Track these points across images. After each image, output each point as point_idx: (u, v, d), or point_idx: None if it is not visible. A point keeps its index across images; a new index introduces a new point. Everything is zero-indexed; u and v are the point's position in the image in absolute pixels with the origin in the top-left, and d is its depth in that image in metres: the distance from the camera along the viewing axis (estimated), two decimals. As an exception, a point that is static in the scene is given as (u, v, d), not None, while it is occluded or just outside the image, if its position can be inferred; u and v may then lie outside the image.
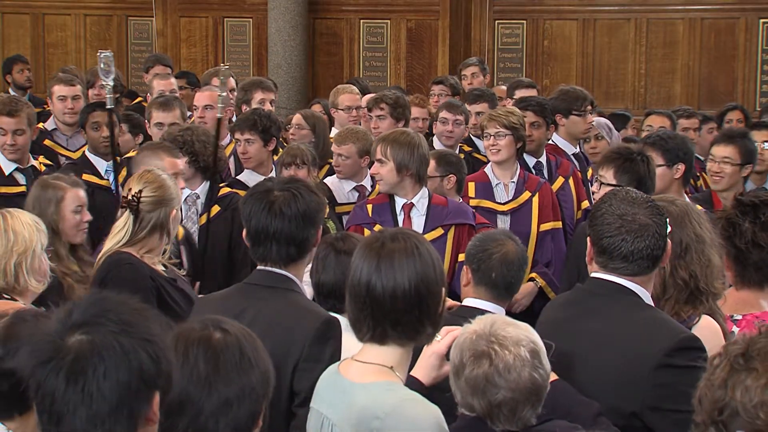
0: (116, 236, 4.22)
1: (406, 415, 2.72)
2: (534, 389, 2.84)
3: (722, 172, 5.77)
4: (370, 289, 2.82)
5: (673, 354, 3.05)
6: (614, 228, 3.18)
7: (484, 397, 2.82)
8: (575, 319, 3.31)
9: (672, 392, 3.03)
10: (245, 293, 3.49)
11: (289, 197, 3.43)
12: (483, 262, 3.90)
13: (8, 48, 13.36)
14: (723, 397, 2.00)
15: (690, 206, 3.63)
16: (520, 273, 3.98)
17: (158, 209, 4.18)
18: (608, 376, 3.13)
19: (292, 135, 6.96)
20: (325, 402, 2.90)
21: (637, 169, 4.83)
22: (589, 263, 3.32)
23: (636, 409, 3.07)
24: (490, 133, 5.92)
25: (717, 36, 11.76)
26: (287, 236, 3.42)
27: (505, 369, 2.81)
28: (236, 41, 13.11)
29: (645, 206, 3.20)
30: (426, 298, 2.83)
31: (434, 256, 2.90)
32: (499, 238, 4.02)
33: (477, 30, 12.53)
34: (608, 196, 3.33)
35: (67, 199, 4.62)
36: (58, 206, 4.57)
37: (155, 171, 4.40)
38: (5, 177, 6.06)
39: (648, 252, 3.17)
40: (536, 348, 2.87)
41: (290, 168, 5.98)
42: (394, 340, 2.84)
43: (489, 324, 2.90)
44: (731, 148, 5.80)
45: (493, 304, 3.87)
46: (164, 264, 4.29)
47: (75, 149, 7.19)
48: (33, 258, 3.79)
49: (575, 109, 6.72)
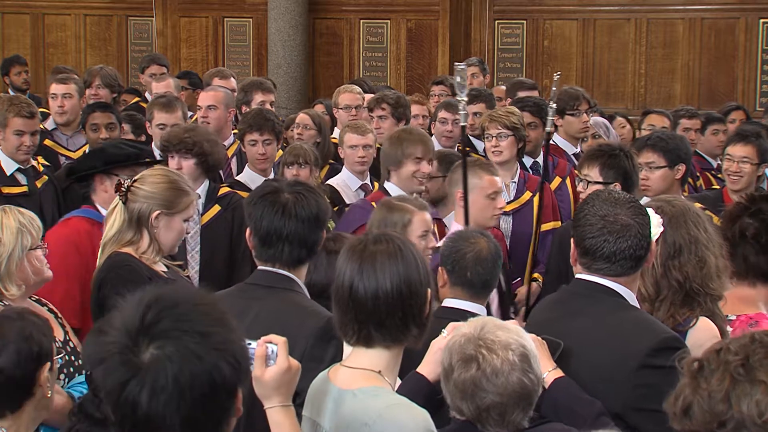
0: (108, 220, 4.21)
1: (393, 420, 2.71)
2: (523, 393, 2.82)
3: (741, 172, 5.79)
4: (353, 292, 2.82)
5: (655, 354, 3.04)
6: (596, 229, 3.17)
7: (473, 402, 2.82)
8: (560, 320, 3.31)
9: (655, 392, 3.02)
10: (247, 293, 3.49)
11: (301, 199, 3.44)
12: (457, 262, 3.91)
13: (8, 48, 13.37)
14: (725, 410, 1.94)
15: (689, 206, 3.61)
16: (495, 270, 3.97)
17: (141, 203, 4.12)
18: (591, 377, 3.12)
19: (299, 135, 6.96)
20: (316, 409, 2.90)
21: (622, 164, 4.84)
22: (573, 264, 3.31)
23: (619, 410, 3.06)
24: (492, 134, 5.93)
25: (717, 36, 11.76)
26: (300, 238, 3.43)
27: (492, 373, 2.80)
28: (236, 41, 13.11)
29: (627, 206, 3.19)
30: (409, 299, 2.82)
31: (419, 257, 2.90)
32: (471, 236, 4.02)
33: (477, 30, 12.53)
34: (591, 197, 3.33)
35: (414, 223, 4.46)
36: (404, 230, 4.38)
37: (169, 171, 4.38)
38: (7, 177, 6.06)
39: (631, 252, 3.16)
40: (526, 352, 2.85)
41: (292, 167, 5.98)
42: (379, 343, 2.83)
43: (479, 327, 2.89)
44: (749, 148, 5.82)
45: (471, 303, 3.87)
46: (167, 264, 4.27)
47: (75, 149, 7.19)
48: (9, 262, 3.71)
49: (569, 109, 6.73)
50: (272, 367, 2.71)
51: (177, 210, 4.19)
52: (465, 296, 3.90)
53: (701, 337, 3.27)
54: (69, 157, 7.06)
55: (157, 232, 4.15)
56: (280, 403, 2.74)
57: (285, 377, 2.72)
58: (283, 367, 2.71)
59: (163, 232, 4.17)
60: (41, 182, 6.17)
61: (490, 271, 3.93)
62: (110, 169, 4.91)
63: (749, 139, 5.90)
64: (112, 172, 4.88)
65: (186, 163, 5.40)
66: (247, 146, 6.24)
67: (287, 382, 2.74)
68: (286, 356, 2.72)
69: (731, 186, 5.82)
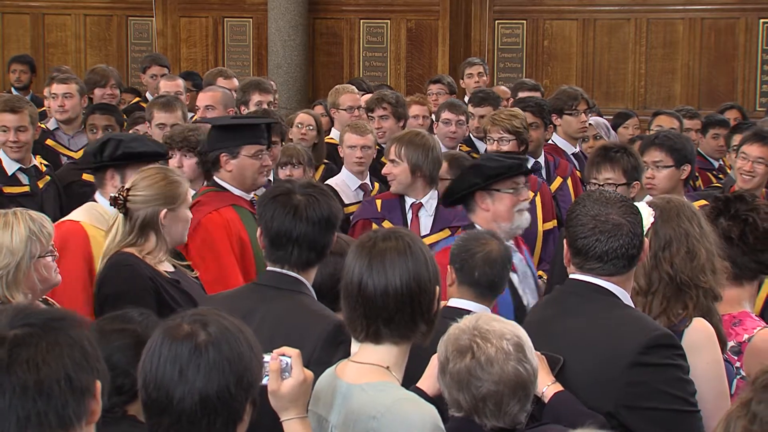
0: (109, 234, 4.21)
1: (402, 414, 2.72)
2: (519, 382, 2.80)
3: (754, 172, 5.79)
4: (362, 288, 2.84)
5: (647, 352, 3.04)
6: (588, 229, 3.16)
7: (469, 391, 2.80)
8: (554, 320, 3.30)
9: (647, 390, 3.02)
10: (255, 293, 3.47)
11: (313, 202, 3.40)
12: (466, 261, 3.90)
13: (8, 48, 13.37)
14: None
15: (685, 203, 3.61)
16: (504, 272, 3.96)
17: (145, 208, 4.13)
18: (584, 375, 3.12)
19: (303, 135, 6.99)
20: (323, 404, 2.90)
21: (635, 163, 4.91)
22: (567, 265, 3.31)
23: (611, 409, 3.05)
24: (494, 137, 5.93)
25: (717, 36, 11.77)
26: (310, 241, 3.39)
27: (487, 361, 2.78)
28: (236, 41, 13.11)
29: (618, 206, 3.19)
30: (418, 296, 2.84)
31: (428, 255, 2.91)
32: (482, 237, 4.01)
33: (477, 30, 12.54)
34: (582, 197, 3.34)
35: None
36: None
37: (155, 168, 4.37)
38: (8, 177, 6.06)
39: (623, 251, 3.15)
40: (521, 342, 2.84)
41: (286, 168, 6.00)
42: (388, 339, 2.85)
43: (474, 320, 2.90)
44: (766, 149, 5.82)
45: (477, 303, 3.86)
46: (174, 264, 4.27)
47: (77, 149, 7.18)
48: (17, 271, 3.66)
49: (567, 109, 6.74)
50: (288, 380, 2.73)
51: (180, 202, 4.22)
52: (471, 296, 3.89)
53: (696, 338, 3.27)
54: (70, 157, 7.05)
55: (167, 230, 4.18)
56: (297, 415, 2.75)
57: (301, 389, 2.74)
58: (300, 379, 2.73)
59: (172, 227, 4.20)
60: (43, 182, 6.17)
61: (498, 273, 3.92)
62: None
63: (767, 141, 5.89)
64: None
65: (187, 161, 5.40)
66: None
67: (303, 393, 2.75)
68: (301, 368, 2.74)
69: (742, 184, 5.80)
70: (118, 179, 4.72)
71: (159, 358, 2.34)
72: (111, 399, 3.03)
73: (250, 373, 2.37)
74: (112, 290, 4.07)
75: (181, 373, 2.31)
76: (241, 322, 2.44)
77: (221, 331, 2.36)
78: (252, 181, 4.99)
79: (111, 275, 4.11)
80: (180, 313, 2.46)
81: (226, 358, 2.32)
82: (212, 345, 2.33)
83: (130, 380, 3.03)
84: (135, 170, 4.54)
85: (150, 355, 2.37)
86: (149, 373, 2.36)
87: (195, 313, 2.43)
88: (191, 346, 2.33)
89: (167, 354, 2.33)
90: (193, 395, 2.30)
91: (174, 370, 2.32)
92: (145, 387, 2.37)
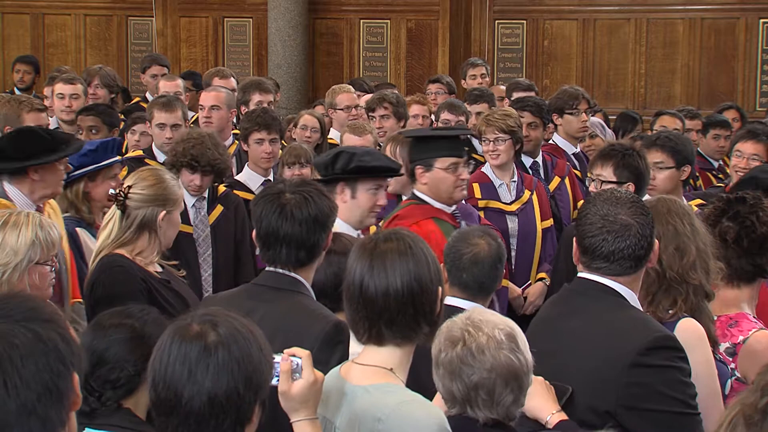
0: (104, 231, 4.21)
1: (407, 416, 2.71)
2: (511, 371, 2.76)
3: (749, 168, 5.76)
4: (363, 290, 2.84)
5: (648, 353, 3.03)
6: (596, 228, 3.16)
7: (460, 380, 2.76)
8: (559, 318, 3.31)
9: (647, 391, 3.02)
10: (253, 294, 3.47)
11: (301, 200, 3.39)
12: (454, 263, 3.90)
13: (8, 48, 13.38)
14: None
15: (676, 202, 3.61)
16: (493, 272, 3.94)
17: (145, 207, 4.14)
18: (585, 374, 3.12)
19: (308, 138, 7.00)
20: (327, 406, 2.89)
21: (636, 164, 4.84)
22: (576, 263, 3.30)
23: (610, 408, 3.05)
24: (489, 138, 5.94)
25: (717, 36, 11.76)
26: (297, 240, 3.38)
27: (478, 349, 2.75)
28: (236, 41, 13.11)
29: (628, 206, 3.18)
30: (420, 297, 2.83)
31: (429, 255, 2.90)
32: (472, 237, 3.99)
33: (477, 30, 12.53)
34: (594, 197, 3.33)
35: None
36: None
37: (155, 169, 4.38)
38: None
39: (630, 252, 3.15)
40: (513, 333, 2.81)
41: (293, 167, 6.00)
42: (391, 341, 2.85)
43: (468, 313, 2.88)
44: (761, 146, 5.83)
45: (470, 302, 3.85)
46: (161, 264, 4.28)
47: (77, 149, 7.19)
48: (13, 272, 3.66)
49: (568, 108, 6.75)
50: (299, 381, 2.72)
51: (176, 206, 4.25)
52: (463, 295, 3.90)
53: (687, 338, 3.25)
54: (70, 157, 7.05)
55: (162, 232, 4.19)
56: (307, 416, 2.74)
57: (312, 390, 2.73)
58: (310, 380, 2.73)
59: (167, 230, 4.22)
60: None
61: (487, 274, 3.91)
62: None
63: (761, 138, 5.90)
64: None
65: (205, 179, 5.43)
66: (252, 145, 6.18)
67: (314, 394, 2.75)
68: (312, 369, 2.74)
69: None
70: (348, 194, 4.61)
71: (168, 358, 2.34)
72: (106, 393, 3.05)
73: (259, 374, 2.37)
74: (104, 292, 4.08)
75: (190, 373, 2.31)
76: (251, 323, 2.44)
77: (231, 332, 2.36)
78: (448, 195, 4.95)
79: (103, 277, 4.12)
80: (191, 313, 2.47)
81: (235, 359, 2.32)
82: (222, 346, 2.33)
83: (125, 374, 3.05)
84: (366, 185, 4.50)
85: (160, 354, 2.37)
86: (158, 372, 2.36)
87: (205, 314, 2.42)
88: (201, 347, 2.33)
89: (177, 354, 2.34)
90: (202, 395, 2.30)
91: (183, 369, 2.32)
92: (155, 386, 2.37)
